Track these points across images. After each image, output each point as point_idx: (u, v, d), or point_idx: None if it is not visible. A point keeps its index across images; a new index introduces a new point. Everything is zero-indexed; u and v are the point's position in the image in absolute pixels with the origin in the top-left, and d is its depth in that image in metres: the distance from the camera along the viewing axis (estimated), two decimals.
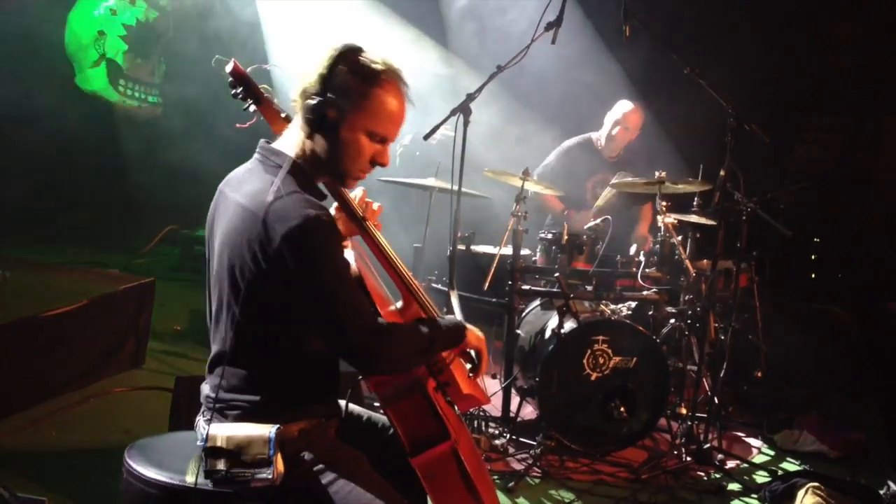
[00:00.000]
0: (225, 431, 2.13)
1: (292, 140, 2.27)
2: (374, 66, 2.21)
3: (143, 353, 5.25)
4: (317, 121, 2.17)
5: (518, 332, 4.98)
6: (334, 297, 2.10)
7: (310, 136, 2.21)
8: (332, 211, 2.49)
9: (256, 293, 2.11)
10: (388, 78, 2.23)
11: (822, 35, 6.67)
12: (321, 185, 2.34)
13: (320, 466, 2.18)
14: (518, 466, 4.39)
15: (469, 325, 2.51)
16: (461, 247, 4.95)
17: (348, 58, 2.19)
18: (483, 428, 4.70)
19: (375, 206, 2.62)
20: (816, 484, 3.98)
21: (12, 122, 6.51)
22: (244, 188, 2.22)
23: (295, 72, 2.28)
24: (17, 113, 6.51)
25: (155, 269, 7.08)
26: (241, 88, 2.34)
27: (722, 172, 4.71)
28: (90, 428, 4.29)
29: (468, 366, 2.58)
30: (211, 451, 2.12)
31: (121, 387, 4.81)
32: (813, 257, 7.22)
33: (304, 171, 2.23)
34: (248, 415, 2.17)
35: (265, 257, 2.09)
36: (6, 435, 4.01)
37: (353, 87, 2.19)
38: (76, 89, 7.41)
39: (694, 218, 5.01)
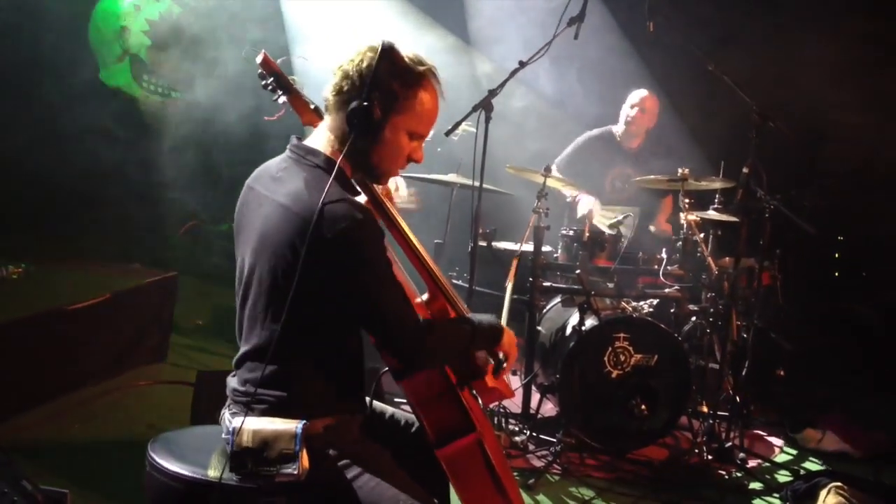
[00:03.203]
0: (251, 425, 2.13)
1: (326, 137, 2.27)
2: (416, 67, 2.23)
3: (166, 347, 5.28)
4: (361, 123, 2.17)
5: (539, 328, 4.97)
6: (382, 297, 2.17)
7: (350, 136, 2.19)
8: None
9: (300, 293, 2.10)
10: (429, 79, 2.26)
11: (848, 30, 6.60)
12: (354, 182, 2.34)
13: (345, 462, 2.19)
14: (538, 463, 4.38)
15: (506, 327, 2.53)
16: (482, 243, 4.93)
17: (389, 59, 2.19)
18: (503, 424, 4.69)
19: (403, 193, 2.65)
20: (839, 484, 3.95)
21: (33, 118, 6.56)
22: (283, 188, 2.21)
23: (328, 67, 2.27)
24: (39, 108, 6.56)
25: (177, 263, 7.10)
26: (270, 80, 2.35)
27: (745, 169, 4.67)
28: (113, 421, 4.33)
29: (491, 362, 2.57)
30: (237, 445, 2.12)
31: (144, 380, 4.85)
32: (836, 255, 7.16)
33: (340, 170, 2.23)
34: (274, 409, 2.18)
35: (312, 259, 2.09)
36: (29, 427, 4.04)
37: (398, 90, 2.20)
38: (100, 84, 7.45)
39: (716, 215, 4.97)
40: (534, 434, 4.62)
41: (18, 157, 6.50)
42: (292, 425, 2.12)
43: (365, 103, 2.15)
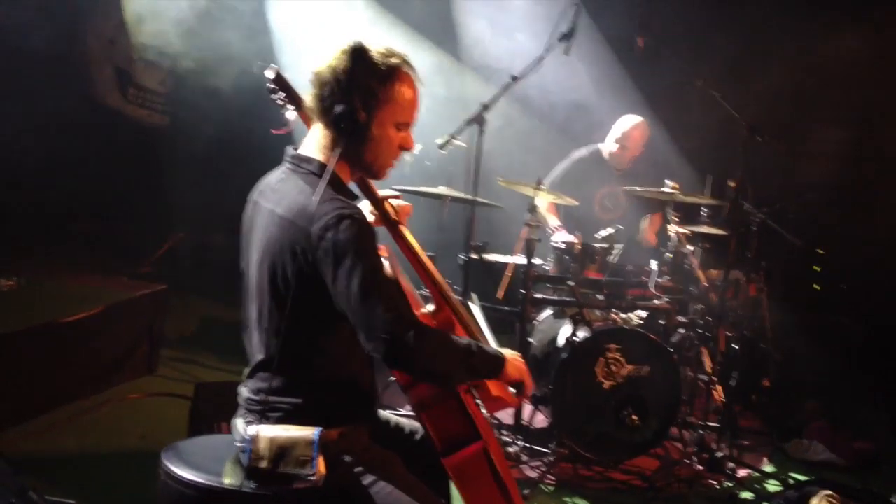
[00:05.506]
0: (268, 433, 2.16)
1: (318, 144, 2.31)
2: (389, 61, 2.26)
3: (156, 360, 5.28)
4: (348, 126, 2.21)
5: (530, 340, 5.01)
6: (368, 290, 2.09)
7: (340, 140, 2.24)
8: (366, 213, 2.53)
9: (300, 300, 2.13)
10: (404, 69, 2.30)
11: (828, 45, 6.72)
12: (352, 186, 2.38)
13: (360, 469, 2.22)
14: (532, 474, 4.41)
15: (508, 356, 2.44)
16: (473, 256, 4.97)
17: (363, 58, 2.23)
18: (496, 435, 4.71)
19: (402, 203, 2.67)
20: (829, 492, 4.01)
21: (20, 132, 6.52)
22: (280, 198, 2.25)
23: (306, 77, 2.31)
24: (27, 121, 6.53)
25: (162, 277, 7.08)
26: (282, 94, 2.37)
27: (733, 183, 4.75)
28: (106, 433, 4.32)
29: (512, 390, 2.57)
30: (253, 453, 2.14)
31: (134, 393, 4.85)
32: (816, 268, 7.25)
33: (335, 175, 2.27)
34: (289, 417, 2.20)
35: (307, 263, 2.13)
36: (24, 440, 4.03)
37: (376, 87, 2.23)
38: (86, 97, 7.44)
39: (705, 228, 5.04)
40: (527, 445, 4.65)
41: (9, 170, 6.48)
42: (308, 432, 2.15)
43: (347, 106, 2.19)
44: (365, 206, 2.51)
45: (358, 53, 2.22)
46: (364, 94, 2.22)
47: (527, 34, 6.30)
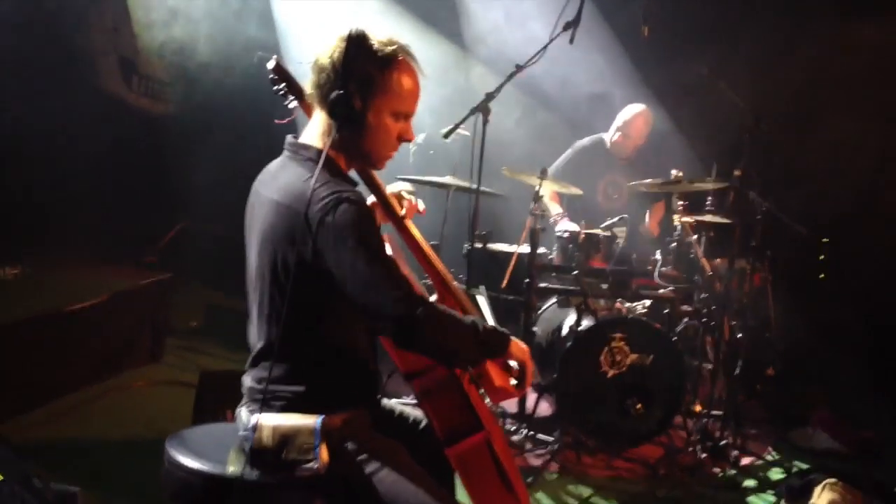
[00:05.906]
0: (271, 421, 2.16)
1: (317, 132, 2.30)
2: (387, 49, 2.24)
3: (161, 348, 5.29)
4: (343, 113, 2.20)
5: (534, 329, 5.01)
6: (373, 270, 2.09)
7: (337, 127, 2.22)
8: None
9: (300, 285, 2.13)
10: (402, 58, 2.27)
11: (833, 38, 6.69)
12: (352, 174, 2.38)
13: (364, 456, 2.22)
14: (535, 462, 4.42)
15: (513, 337, 2.42)
16: (478, 245, 4.96)
17: (360, 45, 2.21)
18: (500, 424, 4.72)
19: (420, 207, 2.67)
20: (833, 480, 4.01)
21: (25, 121, 6.52)
22: (278, 185, 2.25)
23: (307, 65, 2.31)
24: (31, 112, 6.53)
25: (167, 266, 7.09)
26: (283, 85, 2.37)
27: (737, 172, 4.74)
28: (111, 421, 4.35)
29: (513, 381, 2.56)
30: (256, 442, 2.15)
31: (140, 381, 4.87)
32: (821, 258, 7.22)
33: (333, 162, 2.27)
34: (292, 405, 2.20)
35: (306, 249, 2.12)
36: (28, 428, 4.05)
37: (373, 75, 2.22)
38: (89, 86, 7.43)
39: (709, 217, 5.03)
40: (531, 433, 4.66)
41: (12, 159, 6.48)
42: (311, 420, 2.15)
43: (343, 92, 2.18)
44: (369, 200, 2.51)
45: (356, 41, 2.21)
46: (360, 82, 2.20)
47: (540, 23, 6.25)
